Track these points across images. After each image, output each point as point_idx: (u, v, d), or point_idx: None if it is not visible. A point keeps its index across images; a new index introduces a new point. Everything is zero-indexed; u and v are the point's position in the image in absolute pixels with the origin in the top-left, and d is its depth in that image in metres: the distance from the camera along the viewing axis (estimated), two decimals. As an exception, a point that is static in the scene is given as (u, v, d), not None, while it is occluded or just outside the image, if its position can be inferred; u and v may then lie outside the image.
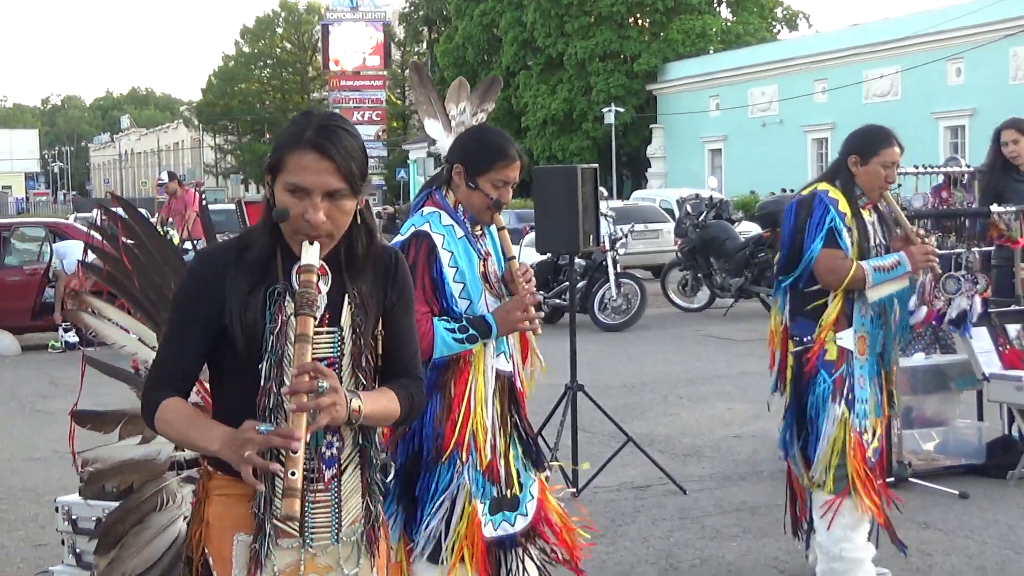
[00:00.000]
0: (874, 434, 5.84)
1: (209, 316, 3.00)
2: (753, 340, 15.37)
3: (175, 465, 4.43)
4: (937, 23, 44.21)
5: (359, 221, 3.08)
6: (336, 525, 3.09)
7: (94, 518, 5.53)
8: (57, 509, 5.78)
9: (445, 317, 4.44)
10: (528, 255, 16.62)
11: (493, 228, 4.71)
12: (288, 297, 2.99)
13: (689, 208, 20.19)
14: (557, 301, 17.28)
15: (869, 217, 5.86)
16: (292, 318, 2.97)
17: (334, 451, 3.06)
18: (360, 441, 3.11)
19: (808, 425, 5.81)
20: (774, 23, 65.24)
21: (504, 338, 4.62)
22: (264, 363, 2.97)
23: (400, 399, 3.11)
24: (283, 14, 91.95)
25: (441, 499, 4.47)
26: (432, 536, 4.47)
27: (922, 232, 6.28)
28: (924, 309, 7.98)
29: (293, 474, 2.75)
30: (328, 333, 3.04)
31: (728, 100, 55.24)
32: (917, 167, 8.18)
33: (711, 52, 57.92)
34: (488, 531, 4.54)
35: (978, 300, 8.02)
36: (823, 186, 5.83)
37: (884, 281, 5.74)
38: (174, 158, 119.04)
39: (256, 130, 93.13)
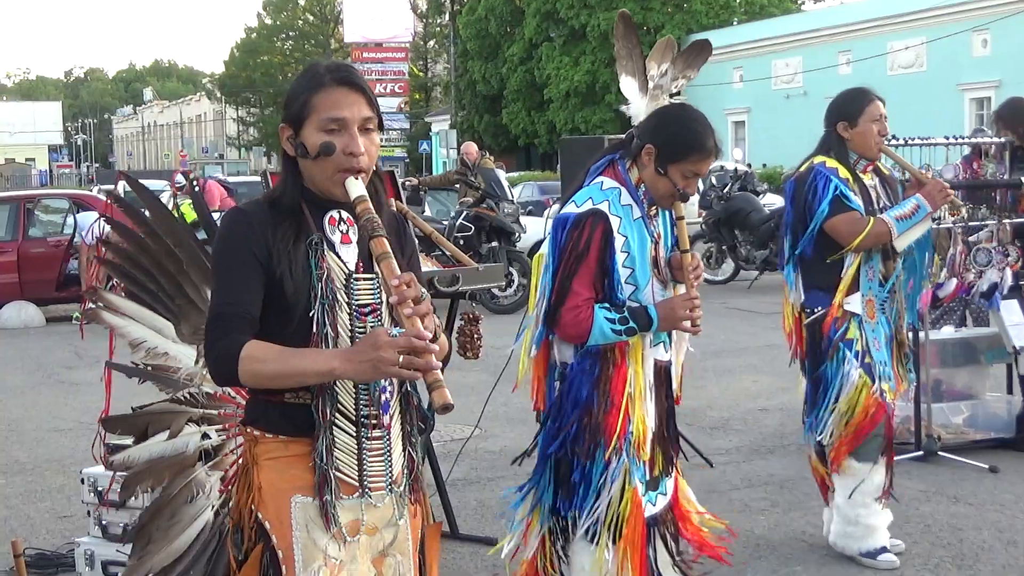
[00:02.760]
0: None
1: (257, 263, 3.01)
2: (778, 313, 15.23)
3: (203, 455, 4.40)
4: (963, -6, 43.89)
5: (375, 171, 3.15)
6: (389, 474, 3.13)
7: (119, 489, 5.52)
8: (83, 481, 5.78)
9: (606, 305, 4.27)
10: (553, 227, 16.55)
11: (665, 212, 4.52)
12: (326, 247, 3.06)
13: (713, 180, 20.08)
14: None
15: (870, 181, 5.92)
16: (335, 267, 3.05)
17: (388, 395, 3.09)
18: (404, 387, 3.15)
19: (824, 393, 5.84)
20: (798, -6, 64.89)
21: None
22: (316, 310, 3.01)
23: (444, 337, 3.19)
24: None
25: (601, 481, 4.36)
26: (599, 519, 4.39)
27: (929, 172, 6.31)
28: (953, 281, 7.92)
29: (436, 368, 2.81)
30: (367, 280, 3.07)
31: (751, 72, 54.92)
32: (948, 138, 8.09)
33: (734, 24, 57.58)
34: (648, 510, 4.46)
35: (1009, 272, 7.94)
36: (819, 159, 5.87)
37: (909, 228, 5.77)
38: (196, 131, 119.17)
39: (278, 102, 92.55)
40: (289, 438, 3.05)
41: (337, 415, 3.04)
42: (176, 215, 4.72)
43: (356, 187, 2.99)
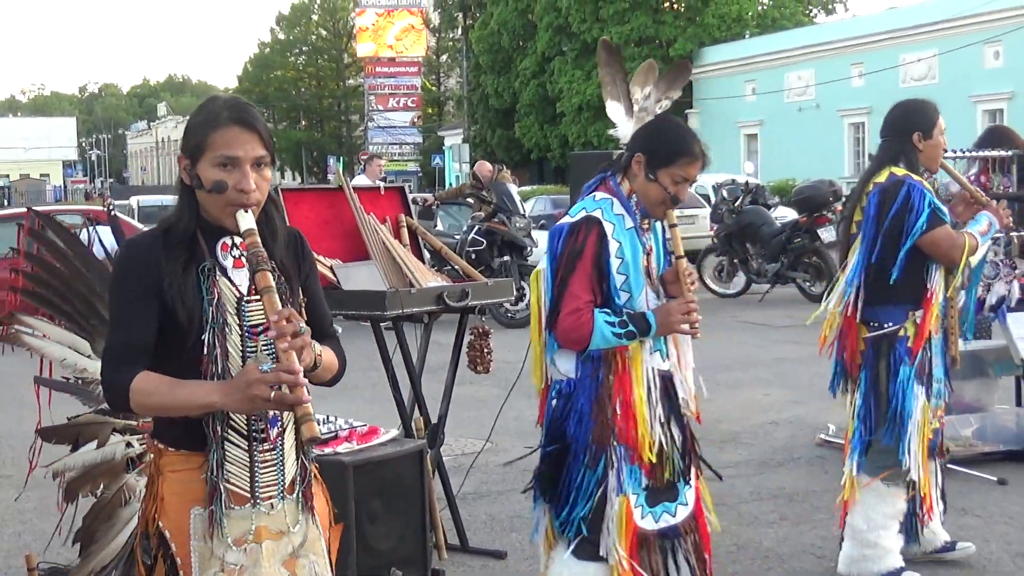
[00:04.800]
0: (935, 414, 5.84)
1: (151, 295, 3.15)
2: (789, 326, 15.31)
3: (130, 462, 4.64)
4: (974, 6, 43.82)
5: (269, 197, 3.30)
6: (281, 483, 3.29)
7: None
8: (97, 495, 5.82)
9: (606, 309, 4.36)
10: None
11: (657, 224, 4.62)
12: (218, 272, 3.21)
13: (725, 193, 20.13)
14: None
15: None
16: (226, 291, 3.20)
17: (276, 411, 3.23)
18: None
19: (887, 412, 5.69)
20: (810, 7, 64.84)
21: (662, 337, 4.53)
22: (207, 334, 3.16)
23: (337, 356, 3.37)
24: (318, 1, 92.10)
25: (597, 491, 4.42)
26: (581, 530, 4.44)
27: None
28: (962, 294, 7.93)
29: (306, 402, 2.97)
30: (258, 301, 3.18)
31: (764, 85, 54.94)
32: (955, 151, 8.11)
33: (747, 36, 57.58)
34: (648, 523, 4.47)
35: (1016, 285, 7.97)
36: (899, 170, 5.72)
37: (982, 244, 5.78)
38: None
39: (292, 117, 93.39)
40: (189, 452, 3.23)
41: (229, 431, 3.21)
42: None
43: (246, 220, 3.14)
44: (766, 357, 13.07)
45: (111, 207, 9.81)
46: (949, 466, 7.69)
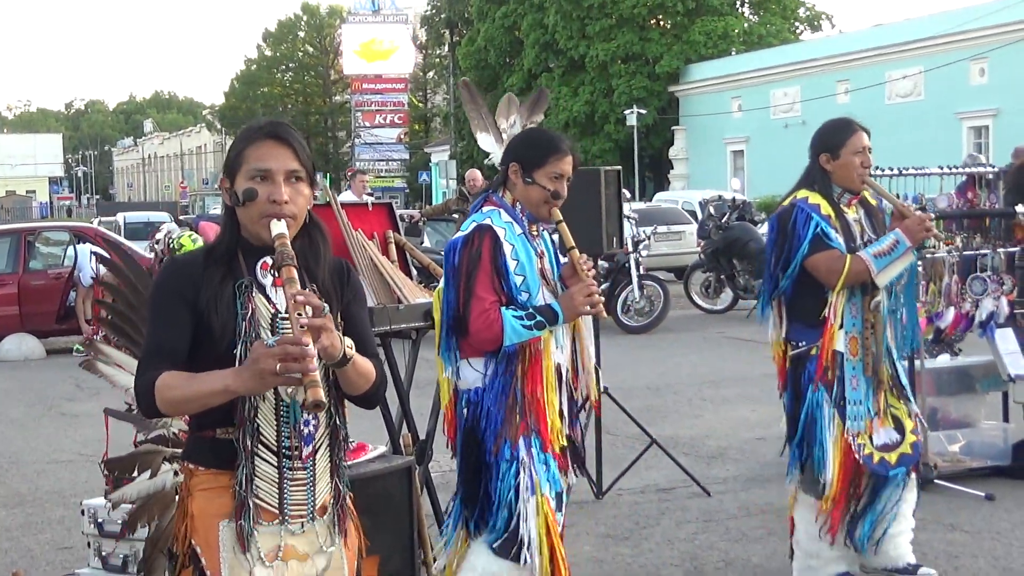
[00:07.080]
0: (877, 434, 5.81)
1: (185, 306, 3.21)
2: (777, 342, 15.28)
3: (177, 490, 4.65)
4: (960, 23, 44.03)
5: (311, 220, 3.35)
6: (311, 503, 3.32)
7: (119, 521, 5.56)
8: (83, 512, 5.82)
9: (512, 306, 4.58)
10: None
11: (545, 233, 4.88)
12: (256, 289, 3.25)
13: (712, 210, 20.14)
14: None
15: (854, 215, 5.82)
16: (261, 307, 3.24)
17: (311, 428, 3.28)
18: (332, 421, 3.35)
19: (803, 429, 5.78)
20: (796, 24, 64.95)
21: (563, 333, 4.76)
22: (240, 346, 3.19)
23: (374, 368, 3.35)
24: (305, 18, 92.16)
25: (509, 493, 4.62)
26: (511, 532, 4.63)
27: (913, 206, 6.25)
28: (952, 311, 7.95)
29: (313, 371, 2.93)
30: None
31: (750, 101, 55.09)
32: (941, 167, 8.14)
33: (733, 53, 57.74)
34: (559, 519, 4.73)
35: (1004, 301, 7.98)
36: (802, 193, 5.81)
37: (889, 264, 5.67)
38: (197, 162, 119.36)
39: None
40: (219, 471, 3.26)
41: (259, 446, 3.23)
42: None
43: (278, 227, 3.18)
44: (754, 373, 13.05)
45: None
46: (937, 482, 7.71)
